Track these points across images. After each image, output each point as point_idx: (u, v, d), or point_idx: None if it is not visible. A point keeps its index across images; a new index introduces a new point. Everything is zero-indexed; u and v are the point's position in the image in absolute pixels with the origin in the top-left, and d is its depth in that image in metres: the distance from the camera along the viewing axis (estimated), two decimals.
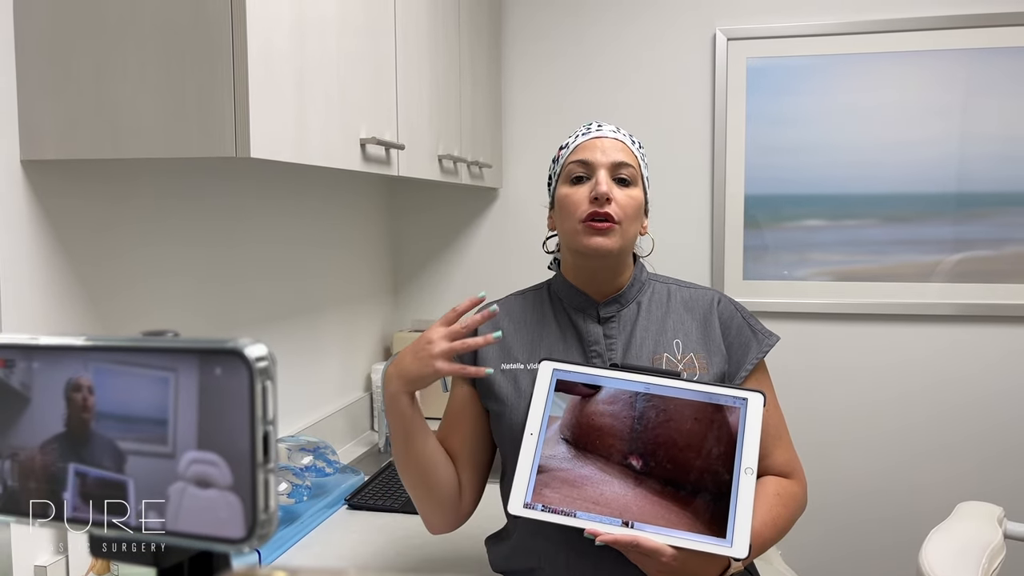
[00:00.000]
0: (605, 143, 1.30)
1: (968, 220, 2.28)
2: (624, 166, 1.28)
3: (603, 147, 1.29)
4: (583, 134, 1.33)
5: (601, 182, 1.26)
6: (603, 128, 1.33)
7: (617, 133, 1.33)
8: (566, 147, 1.34)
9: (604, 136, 1.31)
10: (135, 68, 1.16)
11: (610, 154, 1.28)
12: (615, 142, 1.30)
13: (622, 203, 1.26)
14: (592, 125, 1.34)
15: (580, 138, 1.33)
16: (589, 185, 1.27)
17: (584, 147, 1.31)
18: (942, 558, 1.51)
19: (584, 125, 1.36)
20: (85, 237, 1.37)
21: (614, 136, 1.31)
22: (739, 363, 1.30)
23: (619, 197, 1.26)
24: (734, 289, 2.39)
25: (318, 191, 2.15)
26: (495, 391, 1.30)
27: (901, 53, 2.27)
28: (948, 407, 2.34)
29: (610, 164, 1.27)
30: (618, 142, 1.31)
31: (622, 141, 1.31)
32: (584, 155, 1.29)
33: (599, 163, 1.28)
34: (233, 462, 0.35)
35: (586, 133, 1.33)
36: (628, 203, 1.27)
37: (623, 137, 1.32)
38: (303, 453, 1.84)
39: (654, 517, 1.11)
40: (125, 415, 0.37)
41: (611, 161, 1.28)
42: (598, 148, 1.29)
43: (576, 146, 1.32)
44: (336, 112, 1.41)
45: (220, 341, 0.36)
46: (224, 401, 0.35)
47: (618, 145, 1.30)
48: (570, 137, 1.35)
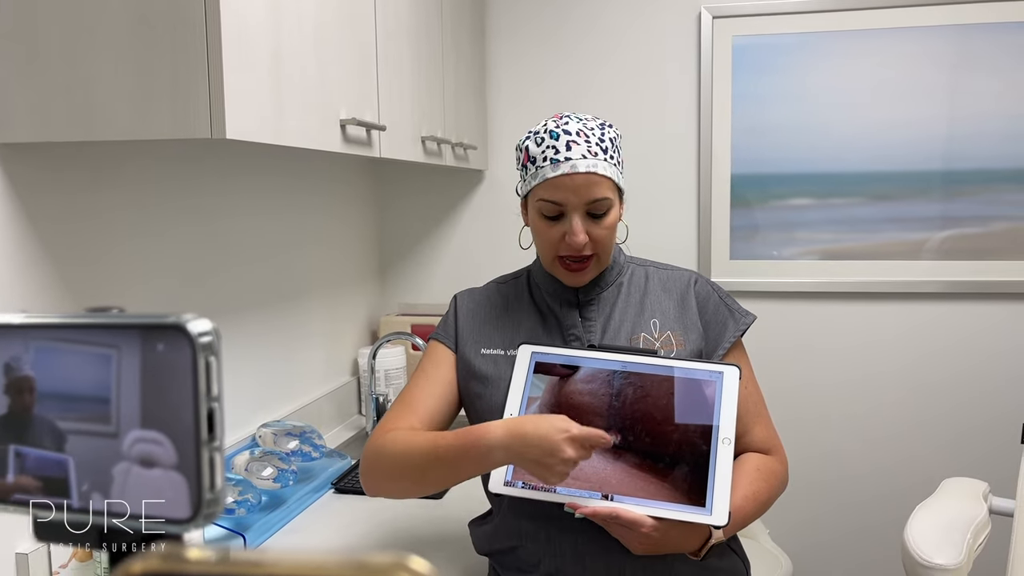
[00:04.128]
0: (577, 180, 1.20)
1: (955, 197, 2.28)
2: (599, 201, 1.22)
3: (575, 186, 1.21)
4: (552, 160, 1.21)
5: (577, 231, 1.21)
6: (573, 152, 1.21)
7: (589, 157, 1.21)
8: (533, 163, 1.24)
9: (576, 171, 1.20)
10: (106, 48, 1.14)
11: (583, 193, 1.21)
12: (588, 176, 1.21)
13: (598, 237, 1.24)
14: (560, 141, 1.22)
15: (549, 168, 1.22)
16: (562, 226, 1.23)
17: (555, 184, 1.21)
18: (927, 534, 1.52)
19: (550, 135, 1.23)
20: (60, 221, 1.35)
21: (586, 168, 1.20)
22: (716, 341, 1.30)
23: (595, 233, 1.23)
24: (721, 269, 2.39)
25: (302, 174, 2.13)
26: (476, 374, 1.30)
27: (888, 30, 2.26)
28: (936, 383, 2.34)
29: (584, 204, 1.22)
30: (591, 175, 1.21)
31: (595, 172, 1.21)
32: (555, 195, 1.22)
33: (572, 205, 1.22)
34: (177, 440, 0.34)
35: (555, 159, 1.21)
36: (603, 235, 1.24)
37: (596, 161, 1.21)
38: (289, 438, 1.83)
39: (633, 489, 1.12)
40: (66, 394, 0.36)
41: (585, 201, 1.22)
42: (570, 187, 1.21)
43: (545, 180, 1.22)
44: (315, 92, 1.39)
45: (162, 316, 0.35)
46: (167, 378, 0.34)
47: (591, 179, 1.21)
48: (539, 146, 1.24)
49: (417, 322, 2.43)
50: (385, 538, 1.56)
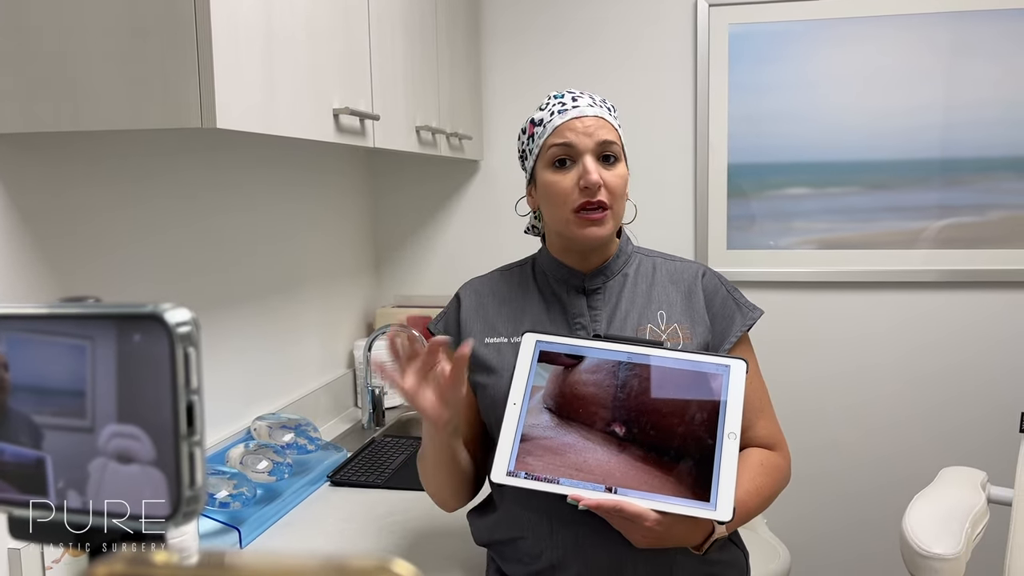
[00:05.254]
0: (587, 122, 1.23)
1: (952, 186, 2.27)
2: (609, 144, 1.23)
3: (585, 127, 1.23)
4: (559, 111, 1.25)
5: (591, 170, 1.21)
6: (579, 102, 1.25)
7: (595, 106, 1.25)
8: (541, 124, 1.27)
9: (584, 115, 1.24)
10: (95, 37, 1.12)
11: (594, 134, 1.23)
12: (596, 120, 1.24)
13: (612, 185, 1.23)
14: (566, 98, 1.26)
15: (557, 117, 1.25)
16: (576, 172, 1.22)
17: (564, 128, 1.24)
18: (926, 524, 1.51)
19: (556, 98, 1.27)
20: (50, 213, 1.33)
21: (595, 113, 1.24)
22: (723, 335, 1.29)
23: (608, 179, 1.22)
24: (718, 259, 2.37)
25: (296, 165, 2.11)
26: (481, 364, 1.29)
27: (885, 17, 2.24)
28: (933, 373, 2.34)
29: (595, 146, 1.23)
30: (599, 119, 1.24)
31: (602, 117, 1.24)
32: (566, 137, 1.23)
33: (584, 147, 1.22)
34: (155, 435, 0.33)
35: (563, 110, 1.25)
36: (617, 183, 1.24)
37: (602, 110, 1.26)
38: (284, 431, 1.82)
39: (637, 482, 1.11)
40: (40, 387, 0.35)
41: (596, 142, 1.23)
42: (580, 129, 1.23)
43: (555, 127, 1.25)
44: (307, 81, 1.38)
45: (138, 306, 0.33)
46: (144, 370, 0.33)
47: (599, 122, 1.24)
48: (543, 110, 1.28)
49: (413, 314, 2.42)
50: (382, 531, 1.55)
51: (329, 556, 0.23)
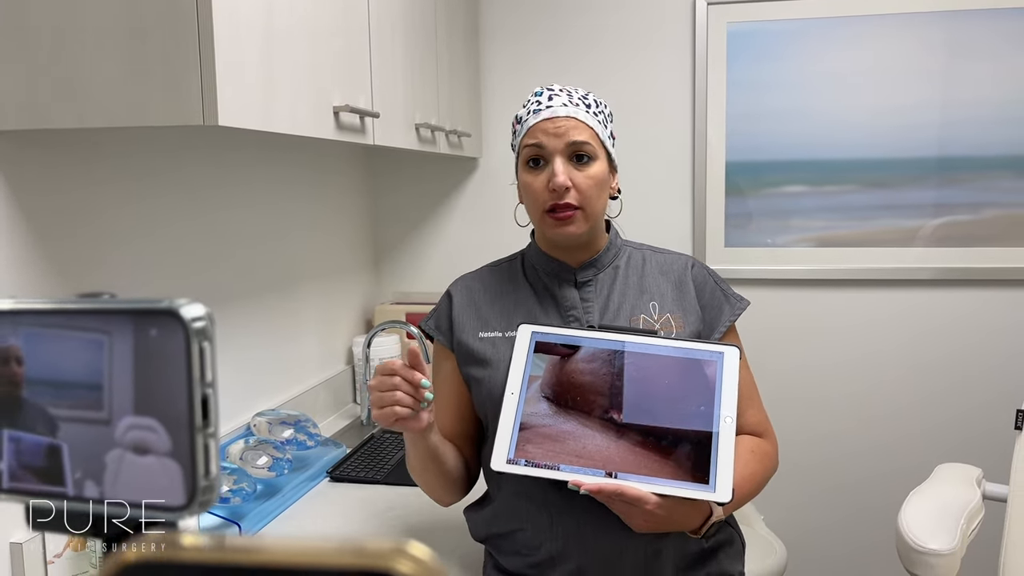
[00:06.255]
0: (559, 123, 1.24)
1: (949, 184, 2.28)
2: (581, 144, 1.24)
3: (556, 128, 1.23)
4: (535, 111, 1.26)
5: (558, 172, 1.22)
6: (554, 102, 1.25)
7: (570, 105, 1.25)
8: (520, 121, 1.29)
9: (556, 115, 1.24)
10: (96, 33, 1.12)
11: (564, 135, 1.23)
12: (568, 120, 1.24)
13: (582, 186, 1.23)
14: (543, 97, 1.27)
15: (532, 117, 1.26)
16: (546, 173, 1.24)
17: (537, 129, 1.25)
18: (921, 520, 1.52)
19: (536, 95, 1.28)
20: (51, 210, 1.34)
21: (567, 114, 1.24)
22: (712, 326, 1.31)
23: (578, 180, 1.23)
24: (716, 256, 2.38)
25: (296, 162, 2.12)
26: (475, 358, 1.30)
27: (882, 16, 2.25)
28: (929, 371, 2.35)
29: (564, 147, 1.23)
30: (571, 119, 1.24)
31: (575, 117, 1.24)
32: (537, 138, 1.24)
33: (553, 148, 1.23)
34: (171, 427, 0.34)
35: (537, 110, 1.26)
36: (588, 184, 1.24)
37: (576, 109, 1.25)
38: (284, 426, 1.83)
39: (637, 467, 1.12)
40: (58, 381, 0.36)
41: (566, 143, 1.23)
42: (551, 130, 1.24)
43: (529, 127, 1.26)
44: (307, 79, 1.38)
45: (154, 301, 0.34)
46: (160, 364, 0.34)
47: (571, 123, 1.24)
48: (524, 108, 1.29)
49: (412, 311, 2.43)
50: (380, 526, 1.56)
51: (345, 539, 0.24)
